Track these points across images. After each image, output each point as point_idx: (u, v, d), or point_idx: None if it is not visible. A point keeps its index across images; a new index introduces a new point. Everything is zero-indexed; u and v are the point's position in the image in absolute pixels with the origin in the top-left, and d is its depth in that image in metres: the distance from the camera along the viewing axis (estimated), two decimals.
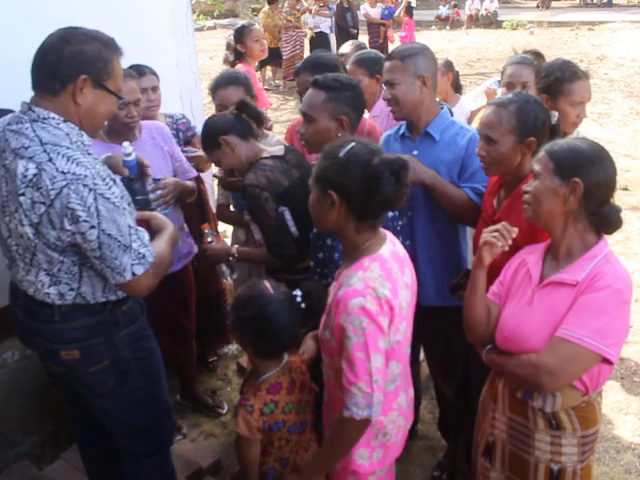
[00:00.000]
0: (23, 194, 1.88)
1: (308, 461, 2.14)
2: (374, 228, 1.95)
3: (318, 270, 2.43)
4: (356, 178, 1.84)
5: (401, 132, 2.75)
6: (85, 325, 2.10)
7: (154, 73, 3.35)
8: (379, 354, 1.83)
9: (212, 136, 2.69)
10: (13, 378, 3.07)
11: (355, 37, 12.55)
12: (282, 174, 2.64)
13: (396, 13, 14.65)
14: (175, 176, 3.05)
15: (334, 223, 1.93)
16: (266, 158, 2.67)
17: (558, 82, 2.76)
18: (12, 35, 2.86)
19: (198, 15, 21.70)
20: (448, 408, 3.03)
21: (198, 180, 3.35)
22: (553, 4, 23.09)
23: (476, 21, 20.30)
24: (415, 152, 2.60)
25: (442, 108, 2.70)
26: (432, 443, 3.31)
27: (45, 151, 1.88)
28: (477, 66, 13.94)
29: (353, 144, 1.89)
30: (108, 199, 1.89)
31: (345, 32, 12.72)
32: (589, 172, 1.83)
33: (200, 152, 3.21)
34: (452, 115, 2.76)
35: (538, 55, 3.26)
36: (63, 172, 1.85)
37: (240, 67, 4.84)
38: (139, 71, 3.35)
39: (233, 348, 4.10)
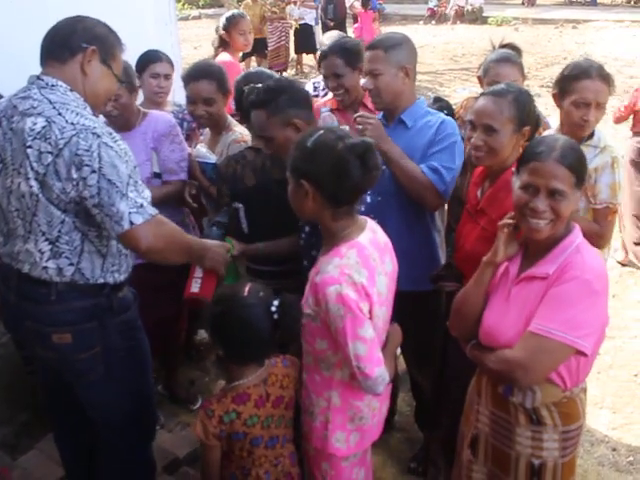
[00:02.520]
0: (30, 146, 1.93)
1: None
2: (351, 214, 1.98)
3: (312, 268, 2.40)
4: (324, 165, 1.88)
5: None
6: (80, 307, 2.10)
7: (170, 62, 3.44)
8: (359, 341, 1.86)
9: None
10: None
11: (331, 29, 12.53)
12: (253, 172, 2.62)
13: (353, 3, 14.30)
14: (159, 175, 3.04)
15: (311, 212, 1.97)
16: (250, 149, 2.65)
17: (565, 79, 2.72)
18: None
19: (183, 4, 21.51)
20: (423, 400, 3.05)
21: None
22: (538, 1, 23.12)
23: (462, 16, 20.33)
24: None
25: (419, 98, 2.71)
26: (409, 435, 3.32)
27: (54, 108, 1.96)
28: (462, 61, 13.96)
29: (321, 132, 1.95)
30: (111, 147, 1.96)
31: (324, 24, 12.78)
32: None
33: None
34: None
35: (516, 49, 3.22)
36: (72, 123, 1.93)
37: (224, 55, 4.81)
38: (155, 57, 3.45)
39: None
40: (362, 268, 1.89)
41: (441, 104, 3.39)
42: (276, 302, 1.99)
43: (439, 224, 2.82)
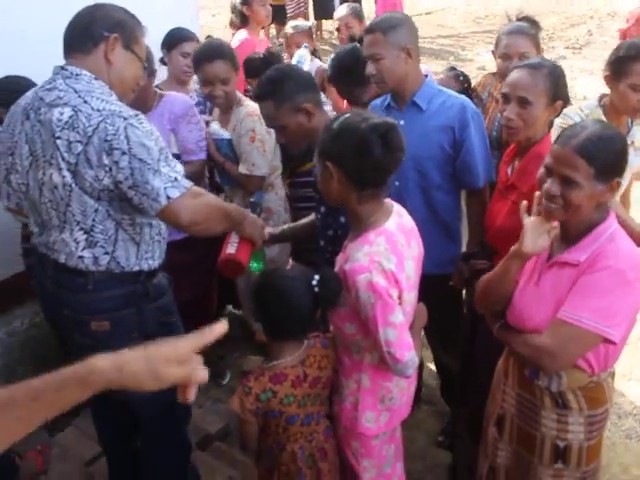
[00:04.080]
0: (59, 137, 1.95)
1: None
2: (377, 198, 1.98)
3: (329, 248, 2.41)
4: (346, 145, 1.89)
5: (387, 102, 2.71)
6: (118, 295, 2.13)
7: (199, 41, 3.48)
8: (389, 327, 1.88)
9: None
10: (23, 346, 3.11)
11: None
12: None
13: None
14: (179, 156, 3.03)
15: (338, 195, 1.98)
16: None
17: (621, 60, 2.61)
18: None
19: None
20: (449, 377, 3.07)
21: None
22: None
23: None
24: (402, 122, 2.50)
25: (426, 76, 2.66)
26: (437, 408, 3.36)
27: (80, 96, 1.98)
28: (485, 23, 13.64)
29: (348, 115, 1.97)
30: (137, 127, 1.96)
31: None
32: (623, 166, 1.81)
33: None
34: None
35: (533, 22, 3.11)
36: (99, 110, 1.95)
37: (241, 33, 4.72)
38: (187, 36, 3.51)
39: (240, 312, 4.13)
40: (391, 254, 1.90)
41: (456, 72, 3.36)
42: (317, 276, 2.01)
43: (461, 207, 2.81)
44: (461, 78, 3.35)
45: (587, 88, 7.41)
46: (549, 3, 15.26)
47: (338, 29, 4.58)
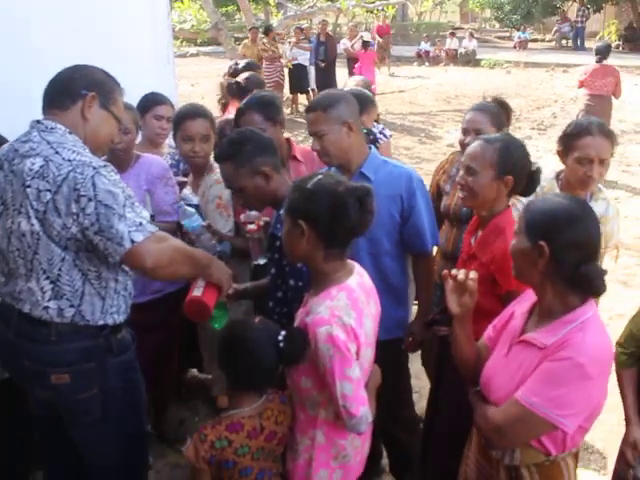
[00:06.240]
0: (29, 186, 1.98)
1: None
2: (342, 257, 2.05)
3: (277, 310, 2.44)
4: (323, 206, 1.95)
5: None
6: (80, 348, 2.11)
7: (172, 105, 3.56)
8: (346, 381, 1.90)
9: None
10: None
11: (323, 70, 12.89)
12: None
13: (349, 46, 14.87)
14: (153, 217, 3.06)
15: (304, 252, 2.02)
16: None
17: (568, 137, 2.76)
18: None
19: (181, 42, 21.75)
20: (401, 452, 3.03)
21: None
22: (530, 45, 23.70)
23: (455, 59, 20.76)
24: None
25: (370, 148, 2.75)
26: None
27: (52, 147, 2.03)
28: (454, 103, 14.21)
29: (320, 176, 2.04)
30: (105, 176, 2.01)
31: (315, 65, 13.21)
32: (556, 234, 1.77)
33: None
34: None
35: (502, 104, 3.25)
36: (69, 160, 1.99)
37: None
38: (160, 99, 3.58)
39: (203, 376, 4.07)
40: (351, 310, 1.95)
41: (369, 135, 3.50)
42: (283, 332, 2.03)
43: (409, 273, 2.87)
44: (364, 131, 3.44)
45: (551, 167, 7.67)
46: (516, 87, 16.00)
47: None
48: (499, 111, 3.14)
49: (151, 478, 3.16)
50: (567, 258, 1.77)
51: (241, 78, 4.57)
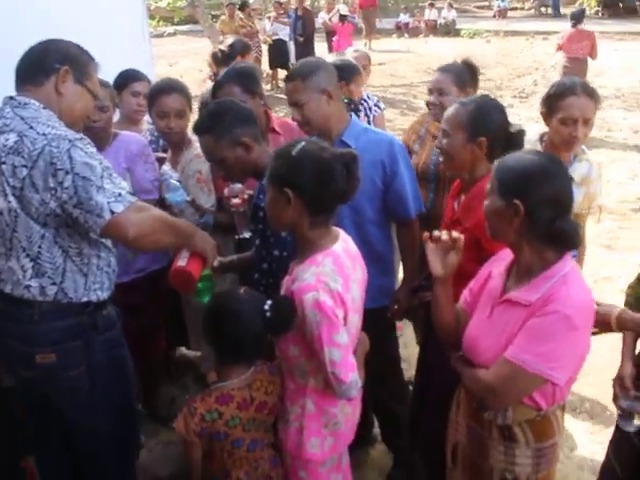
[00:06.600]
0: (4, 162, 1.95)
1: None
2: (327, 224, 2.04)
3: (263, 282, 2.43)
4: (309, 172, 1.93)
5: None
6: (64, 326, 2.10)
7: (149, 81, 3.50)
8: (334, 348, 1.90)
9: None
10: None
11: (302, 45, 12.78)
12: None
13: (327, 20, 14.80)
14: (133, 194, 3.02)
15: (289, 220, 2.00)
16: None
17: (551, 98, 2.75)
18: None
19: (158, 21, 21.50)
20: (393, 420, 3.05)
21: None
22: (509, 14, 23.57)
23: (434, 29, 20.63)
24: None
25: (351, 116, 2.74)
26: None
27: (26, 123, 1.99)
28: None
29: (304, 143, 2.00)
30: (81, 148, 1.98)
31: (295, 40, 13.07)
32: (530, 192, 1.78)
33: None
34: None
35: (468, 65, 3.29)
36: (44, 134, 1.96)
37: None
38: (136, 76, 3.52)
39: (192, 354, 4.07)
40: (337, 276, 1.94)
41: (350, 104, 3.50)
42: (269, 301, 2.02)
43: (394, 241, 2.87)
44: (345, 100, 3.43)
45: (534, 131, 7.68)
46: (497, 56, 15.95)
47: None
48: (462, 71, 3.20)
49: (144, 457, 3.18)
50: (542, 214, 1.78)
51: (225, 45, 4.54)
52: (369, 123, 3.92)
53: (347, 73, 3.73)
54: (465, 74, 3.19)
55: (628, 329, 2.16)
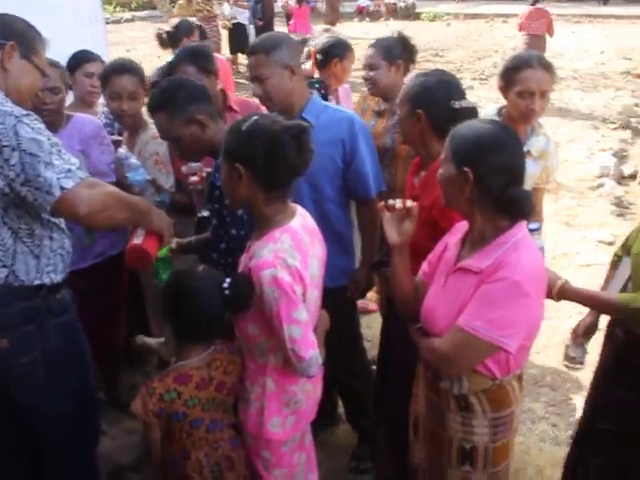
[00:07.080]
0: None
1: None
2: (283, 200, 2.01)
3: (222, 261, 2.40)
4: (259, 146, 1.90)
5: None
6: (17, 310, 2.04)
7: (103, 62, 3.42)
8: (293, 325, 1.88)
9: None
10: None
11: (261, 29, 12.65)
12: None
13: (285, 2, 14.72)
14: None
15: (244, 196, 1.98)
16: None
17: (508, 71, 2.77)
18: None
19: (115, 7, 21.08)
20: (356, 399, 3.07)
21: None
22: None
23: (394, 13, 20.60)
24: None
25: (312, 93, 2.72)
26: None
27: None
28: None
29: (255, 117, 1.97)
30: (28, 124, 1.92)
31: (255, 24, 12.92)
32: (480, 159, 1.79)
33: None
34: None
35: (401, 39, 3.38)
36: None
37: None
38: (89, 56, 3.45)
39: (153, 341, 4.01)
40: (295, 252, 1.92)
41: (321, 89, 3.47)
42: (228, 280, 1.99)
43: (353, 219, 2.86)
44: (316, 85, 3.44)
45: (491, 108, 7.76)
46: (457, 38, 16.03)
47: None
48: (392, 44, 3.31)
49: (107, 444, 3.14)
50: (492, 182, 1.79)
51: (170, 26, 4.45)
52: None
53: (340, 50, 3.80)
54: (396, 47, 3.29)
55: (568, 299, 2.19)
